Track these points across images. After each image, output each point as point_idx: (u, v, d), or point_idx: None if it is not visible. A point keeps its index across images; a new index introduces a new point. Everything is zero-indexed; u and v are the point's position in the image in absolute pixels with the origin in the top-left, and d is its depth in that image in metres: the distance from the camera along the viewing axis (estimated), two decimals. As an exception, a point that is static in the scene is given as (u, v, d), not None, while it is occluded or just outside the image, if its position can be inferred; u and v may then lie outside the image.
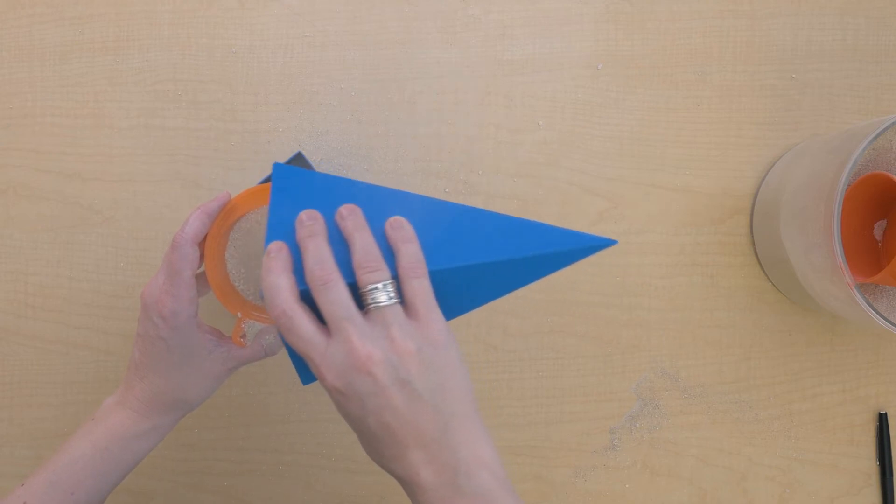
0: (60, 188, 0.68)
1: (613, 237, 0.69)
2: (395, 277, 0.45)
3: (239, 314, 0.54)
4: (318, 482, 0.69)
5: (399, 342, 0.43)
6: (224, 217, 0.53)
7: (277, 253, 0.44)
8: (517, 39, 0.69)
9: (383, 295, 0.44)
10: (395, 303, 0.44)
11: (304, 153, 0.65)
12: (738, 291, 0.70)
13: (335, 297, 0.43)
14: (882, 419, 0.70)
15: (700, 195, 0.69)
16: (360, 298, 0.44)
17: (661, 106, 0.69)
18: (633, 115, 0.69)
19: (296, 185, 0.47)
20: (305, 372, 0.48)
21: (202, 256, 0.53)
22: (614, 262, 0.69)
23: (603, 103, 0.69)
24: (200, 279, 0.54)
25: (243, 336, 0.54)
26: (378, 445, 0.44)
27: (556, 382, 0.69)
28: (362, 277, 0.44)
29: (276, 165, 0.47)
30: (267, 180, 0.61)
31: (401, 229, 0.46)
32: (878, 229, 0.63)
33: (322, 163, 0.68)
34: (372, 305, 0.44)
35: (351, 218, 0.46)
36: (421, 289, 0.44)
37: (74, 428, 0.67)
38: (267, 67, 0.68)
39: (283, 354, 0.67)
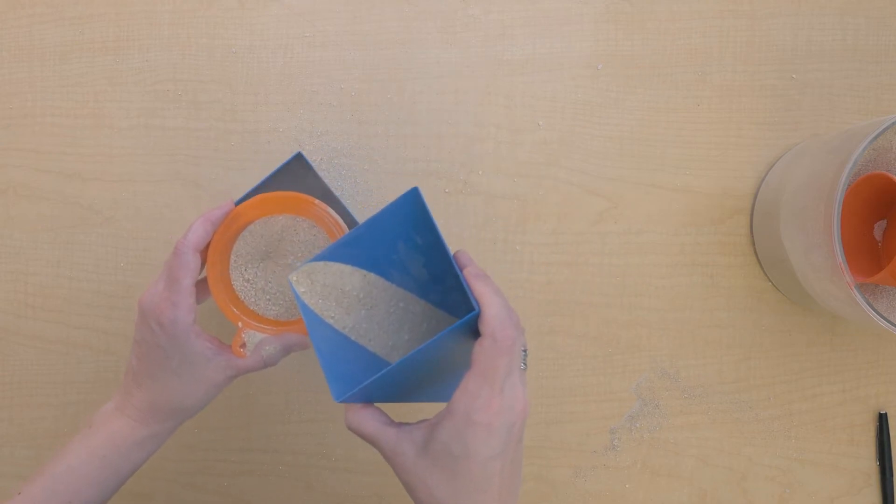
0: (60, 188, 0.68)
1: (613, 237, 0.69)
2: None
3: (239, 324, 0.54)
4: (318, 482, 0.69)
5: (528, 405, 0.46)
6: (227, 225, 0.53)
7: (486, 275, 0.47)
8: (517, 39, 0.69)
9: (525, 360, 0.46)
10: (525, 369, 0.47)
11: (304, 153, 0.64)
12: (738, 291, 0.70)
13: (521, 346, 0.45)
14: (882, 419, 0.69)
15: (700, 195, 0.69)
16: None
17: (661, 106, 0.69)
18: (633, 115, 0.69)
19: (411, 212, 0.49)
20: (340, 387, 0.48)
21: (203, 264, 0.53)
22: (614, 262, 0.69)
23: (603, 103, 0.69)
24: (200, 287, 0.54)
25: (243, 346, 0.54)
26: (470, 488, 0.44)
27: (556, 382, 0.69)
28: (521, 338, 0.46)
29: (416, 189, 0.48)
30: (267, 181, 0.61)
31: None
32: (878, 229, 0.63)
33: (322, 163, 0.68)
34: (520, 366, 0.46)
35: (481, 273, 0.47)
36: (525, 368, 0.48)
37: (74, 428, 0.68)
38: (267, 67, 0.68)
39: (283, 361, 0.67)
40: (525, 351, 0.46)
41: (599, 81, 0.69)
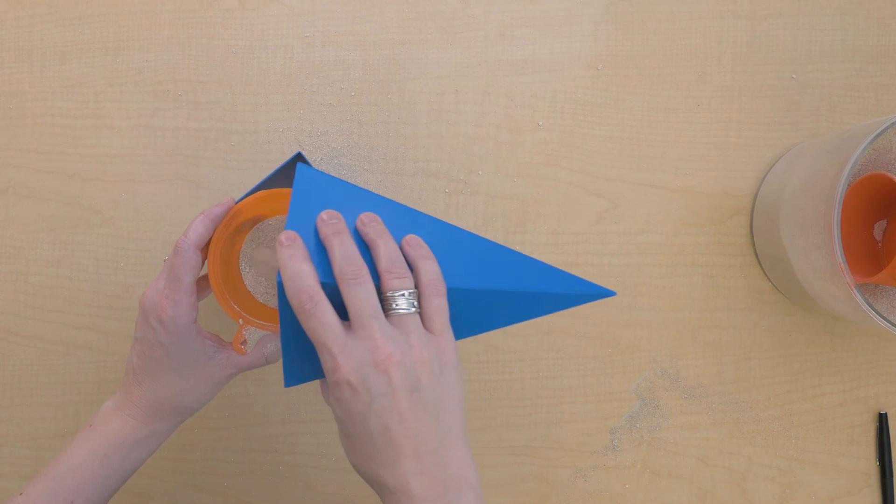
0: (60, 188, 0.68)
1: (613, 237, 0.69)
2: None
3: (240, 321, 0.54)
4: (318, 482, 0.69)
5: (417, 349, 0.43)
6: (228, 222, 0.53)
7: (293, 241, 0.44)
8: (517, 39, 0.69)
9: (406, 303, 0.44)
10: (416, 312, 0.44)
11: (304, 153, 0.65)
12: (738, 291, 0.70)
13: (365, 293, 0.43)
14: (882, 419, 0.70)
15: (700, 195, 0.69)
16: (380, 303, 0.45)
17: (661, 106, 0.69)
18: (633, 115, 0.69)
19: (316, 187, 0.48)
20: (294, 373, 0.48)
21: (204, 262, 0.53)
22: (614, 262, 0.69)
23: (603, 103, 0.69)
24: (200, 284, 0.54)
25: (244, 343, 0.54)
26: (370, 449, 0.43)
27: (556, 382, 0.69)
28: (389, 282, 0.44)
29: (300, 165, 0.48)
30: (267, 181, 0.61)
31: (419, 247, 0.46)
32: (878, 229, 0.63)
33: (322, 163, 0.68)
34: (394, 311, 0.44)
35: (373, 225, 0.46)
36: (440, 307, 0.45)
37: (74, 428, 0.68)
38: (267, 67, 0.68)
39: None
40: (399, 293, 0.44)
41: (599, 81, 0.69)
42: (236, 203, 0.54)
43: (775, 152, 0.69)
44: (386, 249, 0.45)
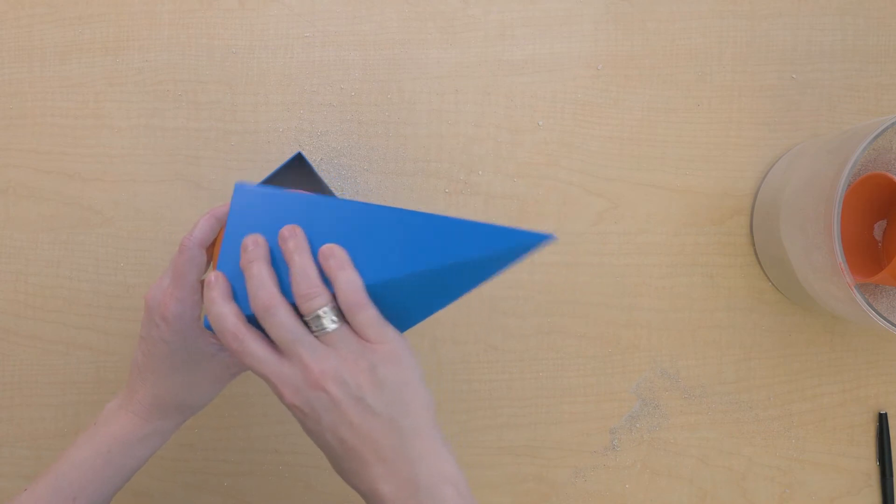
0: (60, 188, 0.68)
1: (613, 237, 0.69)
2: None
3: None
4: (318, 482, 0.69)
5: (350, 361, 0.44)
6: None
7: (215, 282, 0.46)
8: (517, 39, 0.69)
9: (327, 321, 0.45)
10: (341, 325, 0.45)
11: (304, 153, 0.65)
12: (738, 291, 0.70)
13: (280, 320, 0.44)
14: (882, 419, 0.70)
15: (700, 195, 0.69)
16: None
17: (661, 106, 0.69)
18: (633, 115, 0.69)
19: (253, 206, 0.47)
20: None
21: (209, 261, 0.53)
22: (614, 262, 0.69)
23: (603, 103, 0.69)
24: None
25: None
26: (339, 461, 0.45)
27: (556, 382, 0.69)
28: (303, 306, 0.45)
29: (238, 185, 0.47)
30: (267, 181, 0.61)
31: (332, 257, 0.46)
32: (878, 229, 0.63)
33: (322, 163, 0.68)
34: (318, 331, 0.45)
35: (292, 239, 0.46)
36: (366, 318, 0.45)
37: (74, 428, 0.68)
38: (267, 67, 0.68)
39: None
40: (314, 314, 0.44)
41: (599, 81, 0.69)
42: None
43: (775, 152, 0.69)
44: (300, 267, 0.45)
